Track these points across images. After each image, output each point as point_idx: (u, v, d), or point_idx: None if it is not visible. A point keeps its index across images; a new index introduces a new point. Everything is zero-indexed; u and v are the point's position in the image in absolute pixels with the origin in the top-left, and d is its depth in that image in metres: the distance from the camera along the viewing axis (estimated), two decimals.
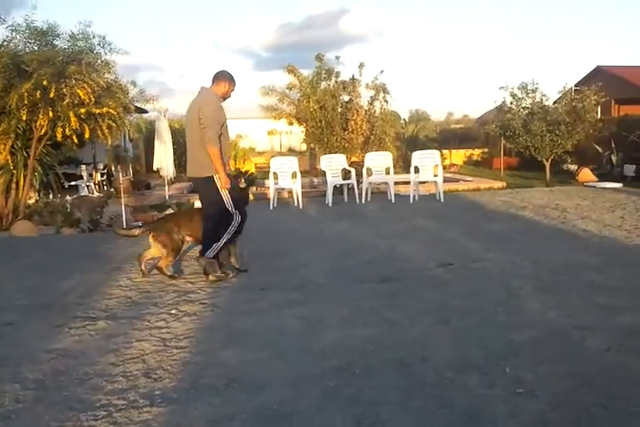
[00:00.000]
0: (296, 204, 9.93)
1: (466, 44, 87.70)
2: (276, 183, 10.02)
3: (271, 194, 9.92)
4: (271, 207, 9.75)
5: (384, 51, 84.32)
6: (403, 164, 16.43)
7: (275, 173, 10.09)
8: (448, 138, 25.33)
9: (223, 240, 4.94)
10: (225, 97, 5.04)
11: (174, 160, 13.02)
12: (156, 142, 12.13)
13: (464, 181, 14.43)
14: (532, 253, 5.63)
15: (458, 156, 22.64)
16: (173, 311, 4.15)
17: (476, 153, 22.58)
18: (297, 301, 4.33)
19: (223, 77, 4.99)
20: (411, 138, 23.80)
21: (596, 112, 13.15)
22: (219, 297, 4.49)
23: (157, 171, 12.42)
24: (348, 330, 3.66)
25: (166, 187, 12.72)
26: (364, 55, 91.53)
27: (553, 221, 7.52)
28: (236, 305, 4.29)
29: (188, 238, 5.24)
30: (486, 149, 21.59)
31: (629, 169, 14.66)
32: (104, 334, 3.75)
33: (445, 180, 14.73)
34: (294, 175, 10.01)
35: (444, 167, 19.76)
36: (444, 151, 22.54)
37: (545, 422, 2.48)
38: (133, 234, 5.37)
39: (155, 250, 5.17)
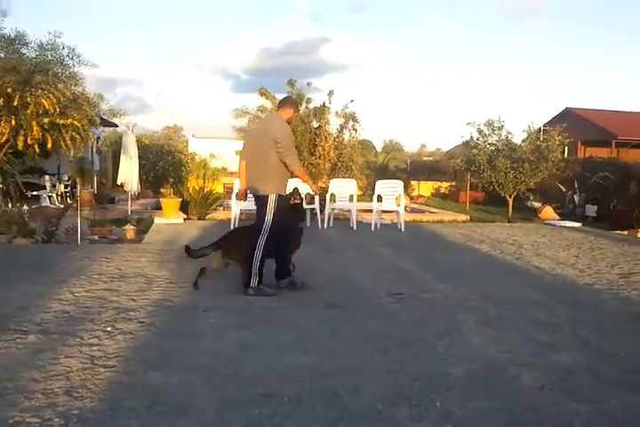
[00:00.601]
0: None
1: (442, 80, 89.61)
2: (239, 204, 9.93)
3: (232, 215, 9.84)
4: (231, 227, 9.64)
5: (364, 81, 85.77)
6: (371, 192, 16.53)
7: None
8: (418, 169, 25.65)
9: (257, 263, 5.09)
10: (289, 121, 5.39)
11: (140, 175, 12.91)
12: (122, 157, 12.04)
13: (429, 212, 14.57)
14: (482, 287, 5.65)
15: (426, 187, 22.93)
16: (109, 329, 4.02)
17: (444, 186, 22.89)
18: (238, 324, 4.24)
19: (290, 104, 5.44)
20: (381, 167, 24.02)
21: (560, 152, 13.45)
22: (159, 316, 4.38)
23: (121, 185, 12.29)
24: (285, 356, 3.59)
25: (129, 202, 12.57)
26: (345, 84, 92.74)
27: (508, 257, 7.58)
28: (175, 325, 4.18)
29: None
30: (454, 183, 21.89)
31: (591, 209, 15.00)
32: (32, 348, 3.61)
33: (411, 210, 14.98)
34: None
35: (412, 198, 20.05)
36: (413, 182, 22.84)
37: None
38: (206, 254, 5.55)
39: (218, 264, 5.45)
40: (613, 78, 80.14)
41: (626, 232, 11.17)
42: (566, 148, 19.77)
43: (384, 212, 10.99)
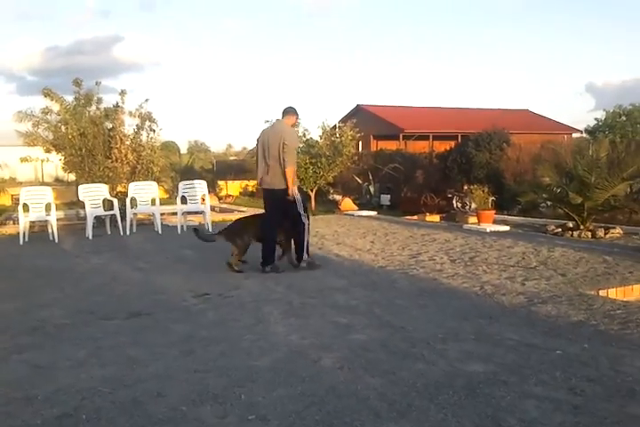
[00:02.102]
0: (51, 237, 9.13)
1: (244, 78, 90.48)
2: (27, 216, 9.14)
3: (20, 227, 8.99)
4: (21, 242, 8.84)
5: (163, 81, 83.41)
6: (177, 194, 16.17)
7: (25, 205, 9.20)
8: (224, 169, 25.62)
9: (306, 239, 6.32)
10: (293, 126, 6.65)
11: None
12: None
13: (238, 211, 14.62)
14: (286, 279, 5.81)
15: (234, 187, 23.00)
16: None
17: (251, 184, 23.14)
18: (28, 345, 3.90)
19: (292, 112, 6.33)
20: (186, 168, 23.60)
21: (353, 146, 14.32)
22: None
23: None
24: (82, 373, 3.37)
25: None
26: (142, 84, 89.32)
27: (311, 248, 7.86)
28: None
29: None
30: None
31: (385, 198, 16.17)
32: None
33: (220, 210, 14.93)
34: (48, 207, 9.22)
35: (220, 198, 20.00)
36: (221, 182, 22.78)
37: None
38: (213, 239, 6.77)
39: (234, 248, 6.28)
40: (401, 74, 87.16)
41: (415, 217, 12.21)
42: (360, 142, 21.14)
43: (190, 213, 10.82)
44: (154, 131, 11.89)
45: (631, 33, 77.47)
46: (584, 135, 30.70)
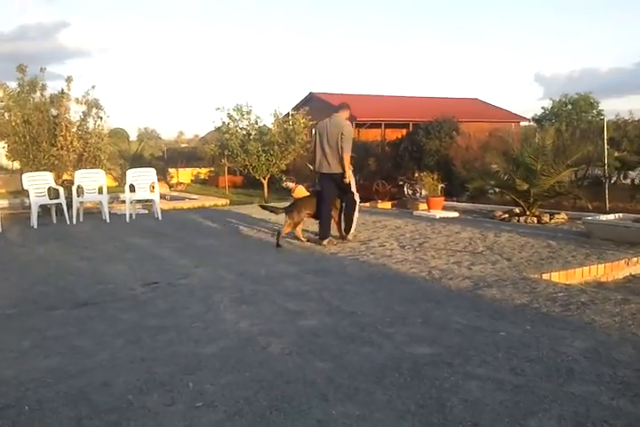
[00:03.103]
0: None
1: (196, 65, 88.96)
2: None
3: None
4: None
5: (112, 67, 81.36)
6: (126, 182, 15.86)
7: None
8: (175, 156, 25.28)
9: (356, 215, 7.46)
10: (349, 120, 7.30)
11: None
12: None
13: (189, 199, 14.48)
14: (238, 267, 5.80)
15: (185, 174, 22.75)
16: None
17: (203, 172, 22.94)
18: None
19: (347, 107, 7.29)
20: (135, 156, 23.15)
21: (306, 134, 14.28)
22: None
23: None
24: (25, 364, 3.29)
25: None
26: (90, 70, 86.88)
27: (264, 235, 7.88)
28: None
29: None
30: (212, 168, 22.02)
31: None
32: None
33: (171, 198, 14.74)
34: None
35: (172, 186, 19.73)
36: (172, 170, 22.48)
37: None
38: (277, 212, 7.60)
39: (288, 228, 7.19)
40: (354, 63, 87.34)
41: (368, 204, 12.30)
42: (313, 130, 21.12)
43: (139, 201, 10.64)
44: (101, 118, 11.60)
45: (580, 25, 79.61)
46: (531, 124, 31.43)
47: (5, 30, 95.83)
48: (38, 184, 9.56)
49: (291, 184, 17.12)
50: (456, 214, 9.73)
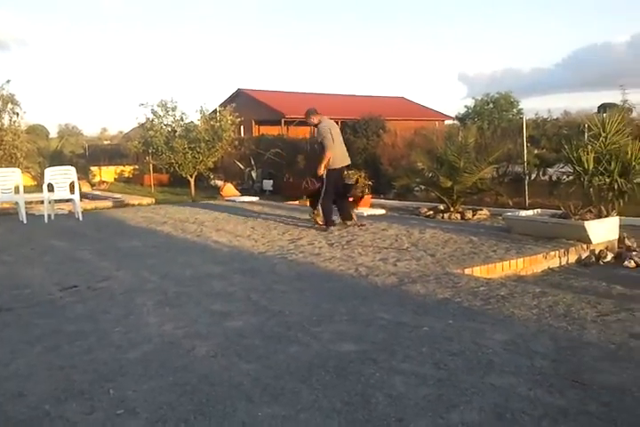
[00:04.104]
0: None
1: (118, 61, 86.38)
2: None
3: None
4: None
5: (31, 61, 77.78)
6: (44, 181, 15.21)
7: None
8: (98, 154, 24.47)
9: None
10: None
11: None
12: None
13: (112, 198, 14.04)
14: (162, 268, 5.66)
15: (108, 172, 22.02)
16: None
17: (127, 170, 22.28)
18: None
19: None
20: (55, 153, 22.23)
21: (234, 131, 14.14)
22: None
23: None
24: None
25: None
26: (7, 64, 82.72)
27: (189, 235, 7.73)
28: None
29: None
30: (137, 166, 21.44)
31: (268, 184, 16.17)
32: None
33: (93, 197, 14.26)
34: None
35: (94, 185, 19.06)
36: (94, 168, 21.72)
37: None
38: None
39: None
40: (282, 60, 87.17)
41: (297, 202, 12.31)
42: (242, 127, 20.93)
43: (59, 201, 10.23)
44: (17, 114, 11.09)
45: (502, 26, 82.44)
46: (455, 122, 32.30)
47: None
48: None
49: (219, 182, 16.92)
50: (383, 212, 9.87)
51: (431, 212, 9.54)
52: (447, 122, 31.59)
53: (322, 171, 7.73)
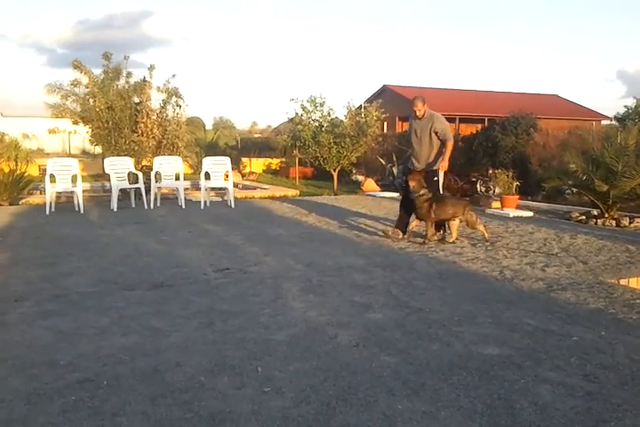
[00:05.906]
0: (77, 208, 9.30)
1: (269, 57, 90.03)
2: (54, 186, 9.30)
3: (47, 198, 9.16)
4: (47, 212, 9.01)
5: (191, 56, 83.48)
6: (201, 169, 16.29)
7: (52, 176, 9.36)
8: (248, 146, 25.70)
9: None
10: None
11: None
12: None
13: (261, 188, 14.71)
14: (306, 257, 5.86)
15: (257, 164, 23.08)
16: None
17: (275, 162, 23.21)
18: (53, 311, 4.01)
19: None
20: (210, 144, 23.71)
21: (378, 127, 14.22)
22: None
23: None
24: (104, 340, 3.47)
25: None
26: (170, 59, 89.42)
27: (331, 227, 7.92)
28: None
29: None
30: (284, 159, 22.26)
31: None
32: None
33: (243, 187, 15.03)
34: (74, 178, 9.38)
35: (244, 175, 20.09)
36: (245, 159, 22.87)
37: (286, 418, 2.55)
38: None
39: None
40: (429, 56, 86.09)
41: None
42: (385, 123, 20.98)
43: (214, 189, 10.92)
44: (180, 106, 11.99)
45: None
46: (613, 122, 30.03)
47: (94, 18, 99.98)
48: (119, 169, 9.96)
49: (360, 177, 17.12)
50: (530, 214, 9.46)
51: (583, 217, 8.98)
52: (604, 122, 29.44)
53: (446, 164, 6.79)
